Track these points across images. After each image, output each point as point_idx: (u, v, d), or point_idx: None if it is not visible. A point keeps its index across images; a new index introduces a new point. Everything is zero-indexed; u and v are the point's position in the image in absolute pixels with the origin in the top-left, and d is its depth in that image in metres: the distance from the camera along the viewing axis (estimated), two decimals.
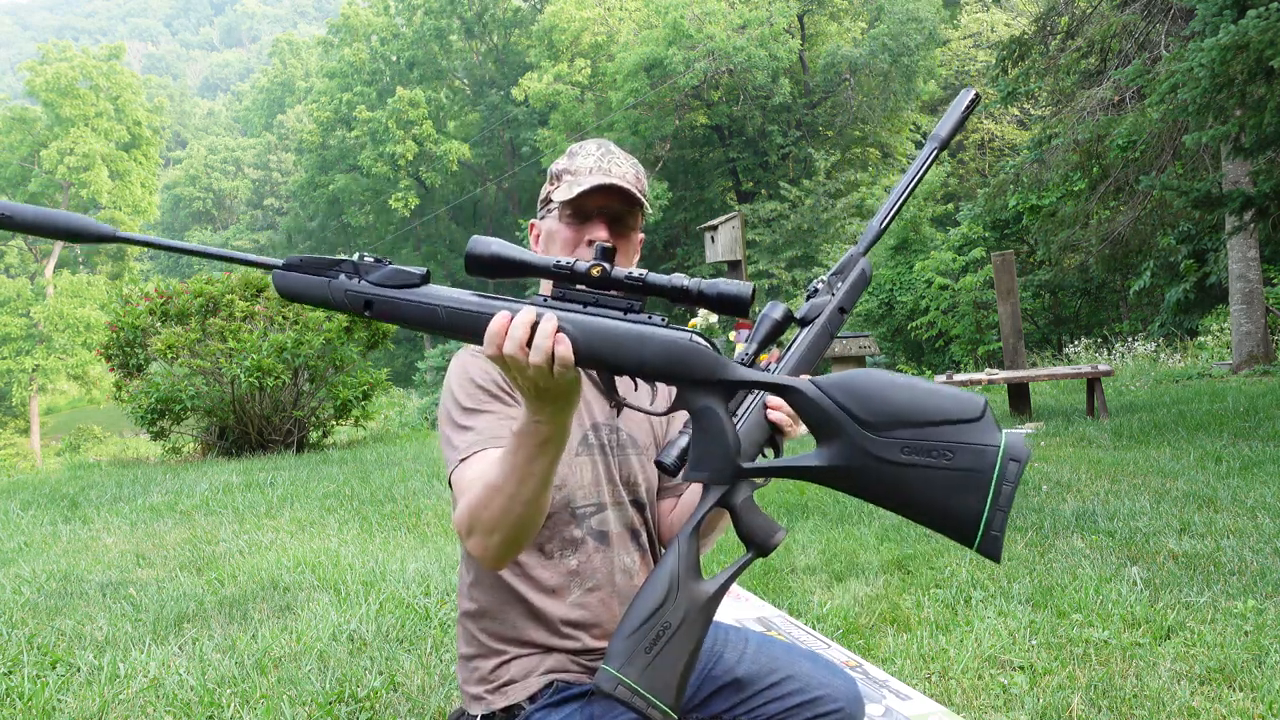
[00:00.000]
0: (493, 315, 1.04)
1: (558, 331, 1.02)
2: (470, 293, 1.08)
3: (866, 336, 9.90)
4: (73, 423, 33.60)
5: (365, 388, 9.90)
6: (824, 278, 1.23)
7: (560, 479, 1.42)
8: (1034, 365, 13.97)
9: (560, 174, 1.48)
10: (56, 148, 36.56)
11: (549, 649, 1.43)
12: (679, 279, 1.06)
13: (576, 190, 1.41)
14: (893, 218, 1.25)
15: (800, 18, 32.39)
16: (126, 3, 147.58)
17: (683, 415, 1.60)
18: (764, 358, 1.18)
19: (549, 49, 35.46)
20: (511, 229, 41.00)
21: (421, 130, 39.30)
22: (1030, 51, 11.81)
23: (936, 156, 1.27)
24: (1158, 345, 14.91)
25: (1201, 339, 14.77)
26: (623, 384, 1.54)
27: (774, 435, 1.24)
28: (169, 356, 8.94)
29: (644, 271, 1.06)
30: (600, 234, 1.42)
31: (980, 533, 1.03)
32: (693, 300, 1.05)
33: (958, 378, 8.44)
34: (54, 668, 2.80)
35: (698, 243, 28.34)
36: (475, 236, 1.07)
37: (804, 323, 1.22)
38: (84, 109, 37.01)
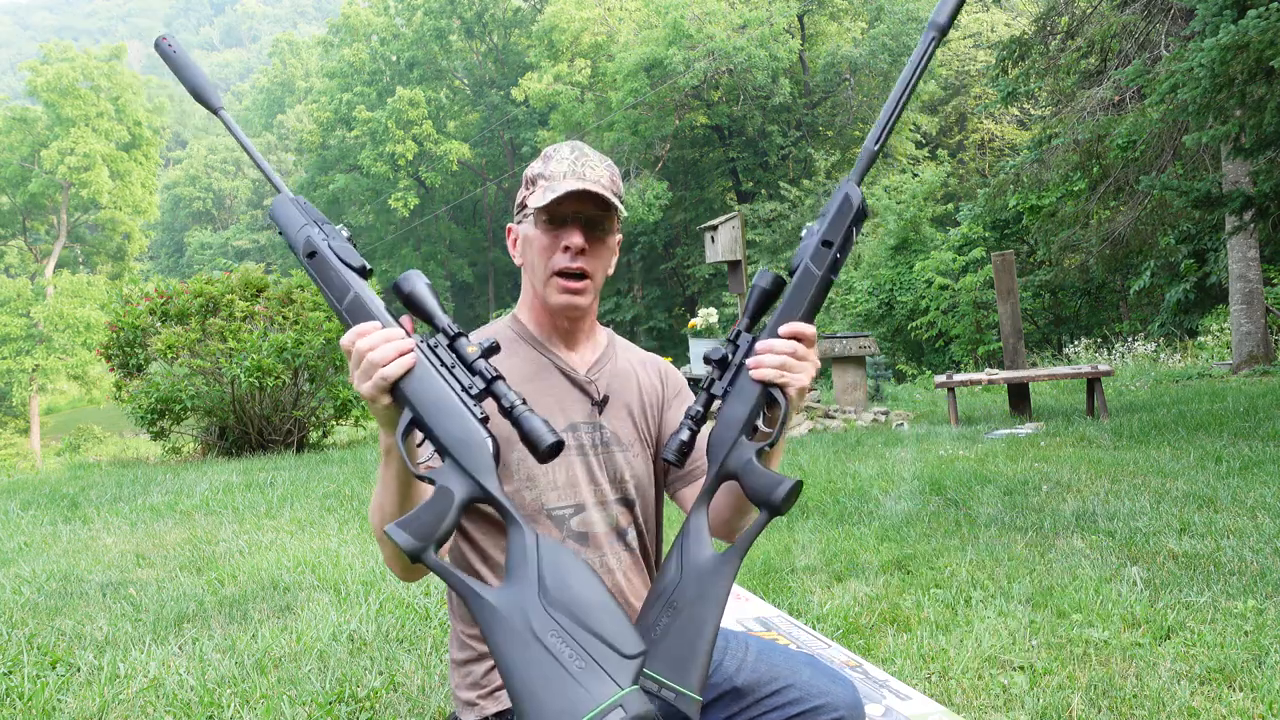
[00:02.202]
0: (378, 319, 1.17)
1: (402, 360, 1.13)
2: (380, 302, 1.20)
3: (867, 336, 9.86)
4: (73, 423, 33.57)
5: None
6: (813, 222, 1.24)
7: (528, 475, 1.41)
8: (1034, 365, 13.97)
9: (535, 179, 1.47)
10: (57, 148, 36.57)
11: None
12: (504, 389, 1.14)
13: (550, 197, 1.40)
14: (888, 132, 1.20)
15: (800, 18, 32.36)
16: (126, 3, 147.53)
17: (676, 410, 1.59)
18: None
19: (549, 49, 35.43)
20: None
21: (421, 130, 39.27)
22: (1030, 51, 11.81)
23: (936, 46, 1.20)
24: (1158, 345, 14.91)
25: (1201, 339, 14.77)
26: (615, 382, 1.54)
27: (769, 392, 1.24)
28: (169, 356, 8.94)
29: (495, 370, 1.15)
30: (575, 239, 1.42)
31: None
32: (507, 417, 1.14)
33: (957, 378, 8.43)
34: (54, 668, 2.80)
35: (697, 243, 28.33)
36: (409, 273, 1.18)
37: (794, 271, 1.22)
38: (84, 109, 37.02)
